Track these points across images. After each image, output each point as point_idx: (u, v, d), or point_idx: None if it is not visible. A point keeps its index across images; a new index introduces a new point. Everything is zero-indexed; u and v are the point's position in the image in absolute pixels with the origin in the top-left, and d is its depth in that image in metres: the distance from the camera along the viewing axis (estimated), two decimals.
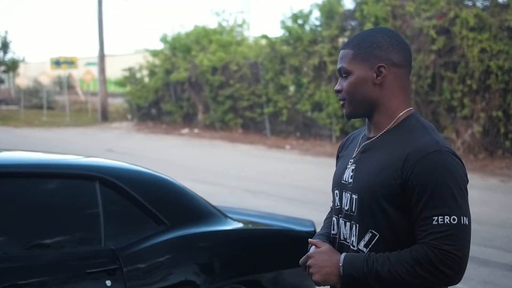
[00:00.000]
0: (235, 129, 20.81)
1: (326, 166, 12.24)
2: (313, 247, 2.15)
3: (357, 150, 2.15)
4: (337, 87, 2.13)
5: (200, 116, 22.44)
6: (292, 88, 19.05)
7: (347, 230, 2.11)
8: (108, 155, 13.53)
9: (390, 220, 1.99)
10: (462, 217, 1.92)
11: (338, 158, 2.31)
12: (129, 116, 26.74)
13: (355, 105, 2.10)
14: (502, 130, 13.72)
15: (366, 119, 2.14)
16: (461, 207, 1.94)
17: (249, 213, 4.57)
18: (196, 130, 21.86)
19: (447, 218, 1.91)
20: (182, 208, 3.63)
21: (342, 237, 2.13)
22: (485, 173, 12.48)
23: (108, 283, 3.11)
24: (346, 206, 2.12)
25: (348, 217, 2.11)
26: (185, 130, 22.03)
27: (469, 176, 2.06)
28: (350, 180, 2.11)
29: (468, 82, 13.85)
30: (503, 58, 13.30)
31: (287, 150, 16.97)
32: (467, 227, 1.94)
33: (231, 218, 3.88)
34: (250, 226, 4.10)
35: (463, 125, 14.22)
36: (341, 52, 2.14)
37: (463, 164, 2.02)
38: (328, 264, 2.04)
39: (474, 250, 6.87)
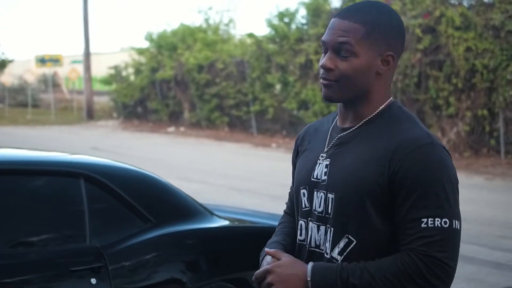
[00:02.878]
0: (221, 127, 20.78)
1: None
2: (270, 258, 1.82)
3: (330, 142, 1.84)
4: (328, 63, 1.77)
5: (186, 115, 22.38)
6: (278, 87, 19.05)
7: (320, 235, 1.80)
8: (93, 153, 13.47)
9: (370, 224, 1.72)
10: (454, 221, 1.68)
11: (297, 154, 1.99)
12: (114, 115, 26.62)
13: (347, 92, 1.78)
14: (487, 128, 13.80)
15: (341, 107, 1.85)
16: (453, 209, 1.70)
17: (235, 210, 4.55)
18: (182, 129, 21.80)
19: (438, 220, 1.66)
20: (168, 206, 3.60)
21: (313, 244, 1.83)
22: (470, 171, 12.55)
23: (93, 281, 3.07)
24: (319, 207, 1.81)
25: (322, 220, 1.80)
26: (171, 129, 21.97)
27: None
28: (324, 177, 1.80)
29: (454, 80, 13.92)
30: (488, 56, 13.38)
31: (273, 148, 16.97)
32: (458, 233, 1.70)
33: (217, 216, 3.86)
34: (236, 223, 4.08)
35: (448, 124, 14.29)
36: (342, 22, 1.76)
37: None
38: (294, 279, 1.72)
39: (460, 247, 6.91)
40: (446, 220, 1.67)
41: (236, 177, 11.61)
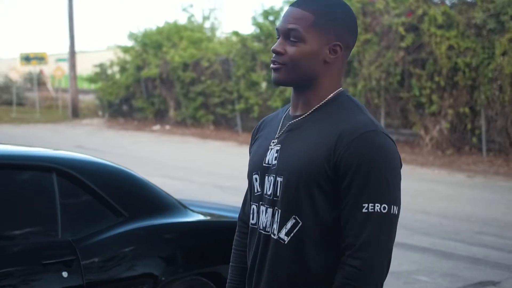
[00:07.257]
0: (206, 125, 20.77)
1: None
2: None
3: (282, 129, 1.92)
4: (278, 48, 1.86)
5: (171, 113, 22.35)
6: (263, 85, 19.08)
7: (267, 217, 1.89)
8: (78, 151, 13.45)
9: (316, 206, 1.80)
10: (392, 206, 1.76)
11: (253, 144, 2.07)
12: (100, 113, 26.52)
13: (294, 75, 1.86)
14: (469, 126, 13.90)
15: (293, 95, 1.94)
16: (393, 194, 1.77)
17: (211, 205, 4.57)
18: (167, 127, 21.78)
19: (377, 206, 1.74)
20: (141, 200, 3.62)
21: (263, 226, 1.90)
22: (452, 168, 12.63)
23: (65, 274, 3.09)
24: (268, 190, 1.89)
25: (270, 202, 1.88)
26: (157, 127, 21.95)
27: (436, 171, 1.93)
28: (274, 162, 1.88)
29: (436, 79, 14.01)
30: (470, 55, 13.48)
31: None
32: (396, 218, 1.78)
33: (191, 210, 3.88)
34: (210, 218, 4.10)
35: (431, 122, 14.38)
36: (295, 10, 1.86)
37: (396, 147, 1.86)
38: None
39: (439, 243, 6.99)
40: (385, 205, 1.75)
41: (221, 175, 11.63)
